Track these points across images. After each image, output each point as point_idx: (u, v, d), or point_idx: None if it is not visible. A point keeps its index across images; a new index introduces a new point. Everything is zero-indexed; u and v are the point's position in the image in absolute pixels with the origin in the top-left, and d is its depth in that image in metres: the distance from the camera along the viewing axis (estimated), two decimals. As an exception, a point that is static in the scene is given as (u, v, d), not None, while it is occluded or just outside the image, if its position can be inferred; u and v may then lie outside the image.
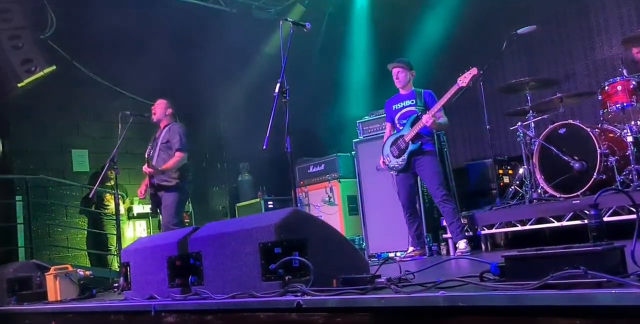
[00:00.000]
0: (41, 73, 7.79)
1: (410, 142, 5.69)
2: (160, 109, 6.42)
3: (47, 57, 8.01)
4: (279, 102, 4.47)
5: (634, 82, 5.31)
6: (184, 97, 8.50)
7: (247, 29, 10.00)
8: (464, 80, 5.39)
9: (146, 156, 6.16)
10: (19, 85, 7.72)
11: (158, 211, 6.28)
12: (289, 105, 4.51)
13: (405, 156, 5.73)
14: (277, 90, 4.42)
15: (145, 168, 6.07)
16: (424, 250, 5.91)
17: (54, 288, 5.02)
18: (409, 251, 5.88)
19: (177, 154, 6.14)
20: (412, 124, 5.70)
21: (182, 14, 9.75)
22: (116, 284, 5.55)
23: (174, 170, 6.12)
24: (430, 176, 5.68)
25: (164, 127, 6.40)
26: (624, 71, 5.46)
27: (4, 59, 7.67)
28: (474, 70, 5.38)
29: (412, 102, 5.84)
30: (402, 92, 5.99)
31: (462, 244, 5.52)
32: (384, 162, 6.00)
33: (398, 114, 5.95)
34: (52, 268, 5.21)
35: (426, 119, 5.52)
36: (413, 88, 5.93)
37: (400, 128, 5.88)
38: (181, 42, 9.41)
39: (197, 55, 9.44)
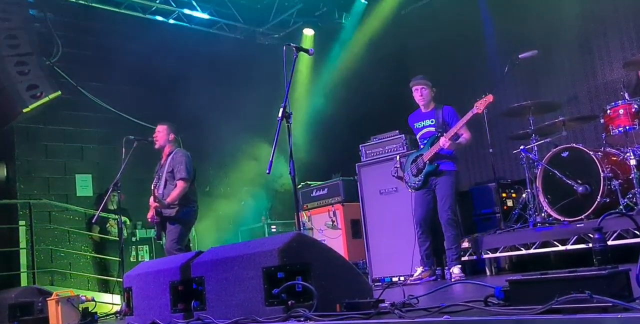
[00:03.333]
0: (46, 98, 7.85)
1: (427, 162, 5.76)
2: (162, 135, 6.36)
3: (53, 83, 8.08)
4: (282, 126, 4.48)
5: (635, 106, 5.33)
6: (187, 122, 8.57)
7: (251, 54, 10.12)
8: (479, 106, 5.45)
9: (152, 188, 6.11)
10: (24, 110, 7.77)
11: (163, 234, 6.24)
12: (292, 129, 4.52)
13: (422, 176, 5.82)
14: (280, 114, 4.44)
15: (151, 202, 6.05)
16: (432, 270, 5.87)
17: (56, 313, 4.98)
18: (418, 272, 5.83)
19: (179, 183, 6.10)
20: (432, 144, 5.77)
21: (186, 39, 9.88)
22: (118, 310, 5.53)
23: (177, 200, 6.09)
24: (442, 196, 5.74)
25: (167, 155, 6.34)
26: (626, 95, 5.48)
27: (9, 84, 7.74)
28: (489, 98, 5.43)
29: (432, 122, 5.91)
30: (423, 109, 6.05)
31: (456, 270, 5.55)
32: (403, 178, 6.10)
33: (419, 134, 6.05)
34: (54, 293, 5.18)
35: (443, 142, 5.58)
36: (434, 105, 5.99)
37: (421, 147, 5.97)
38: (185, 68, 9.50)
39: (201, 80, 9.52)
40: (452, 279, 5.47)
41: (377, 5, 9.71)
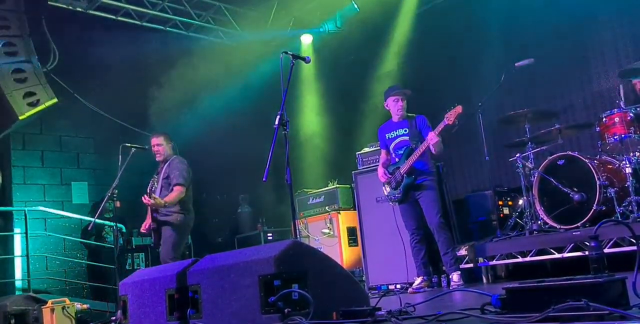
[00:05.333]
0: (43, 106, 7.85)
1: (405, 175, 5.72)
2: (162, 147, 6.32)
3: (49, 90, 8.08)
4: (279, 134, 4.48)
5: (631, 114, 5.36)
6: (184, 129, 8.56)
7: (248, 61, 10.12)
8: (449, 117, 5.35)
9: (148, 190, 6.11)
10: (21, 117, 7.77)
11: (160, 243, 6.21)
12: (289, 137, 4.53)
13: (401, 188, 5.78)
14: (277, 122, 4.44)
15: (144, 198, 6.02)
16: (430, 280, 5.84)
17: (51, 321, 4.97)
18: (417, 282, 5.77)
19: (176, 188, 6.09)
20: (407, 156, 5.72)
21: (183, 47, 9.89)
22: (114, 318, 5.50)
23: (173, 204, 6.08)
24: (428, 203, 5.68)
25: (164, 162, 6.35)
26: (621, 103, 5.50)
27: (6, 92, 7.74)
28: (458, 109, 5.33)
29: (405, 131, 5.86)
30: (394, 119, 5.99)
31: (455, 277, 5.51)
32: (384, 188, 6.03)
33: (393, 144, 5.96)
34: (49, 301, 5.16)
35: (431, 137, 5.43)
36: (406, 115, 5.94)
37: (397, 159, 5.90)
38: (182, 75, 9.50)
39: (198, 88, 9.52)
40: (451, 287, 5.44)
41: (373, 11, 9.74)
